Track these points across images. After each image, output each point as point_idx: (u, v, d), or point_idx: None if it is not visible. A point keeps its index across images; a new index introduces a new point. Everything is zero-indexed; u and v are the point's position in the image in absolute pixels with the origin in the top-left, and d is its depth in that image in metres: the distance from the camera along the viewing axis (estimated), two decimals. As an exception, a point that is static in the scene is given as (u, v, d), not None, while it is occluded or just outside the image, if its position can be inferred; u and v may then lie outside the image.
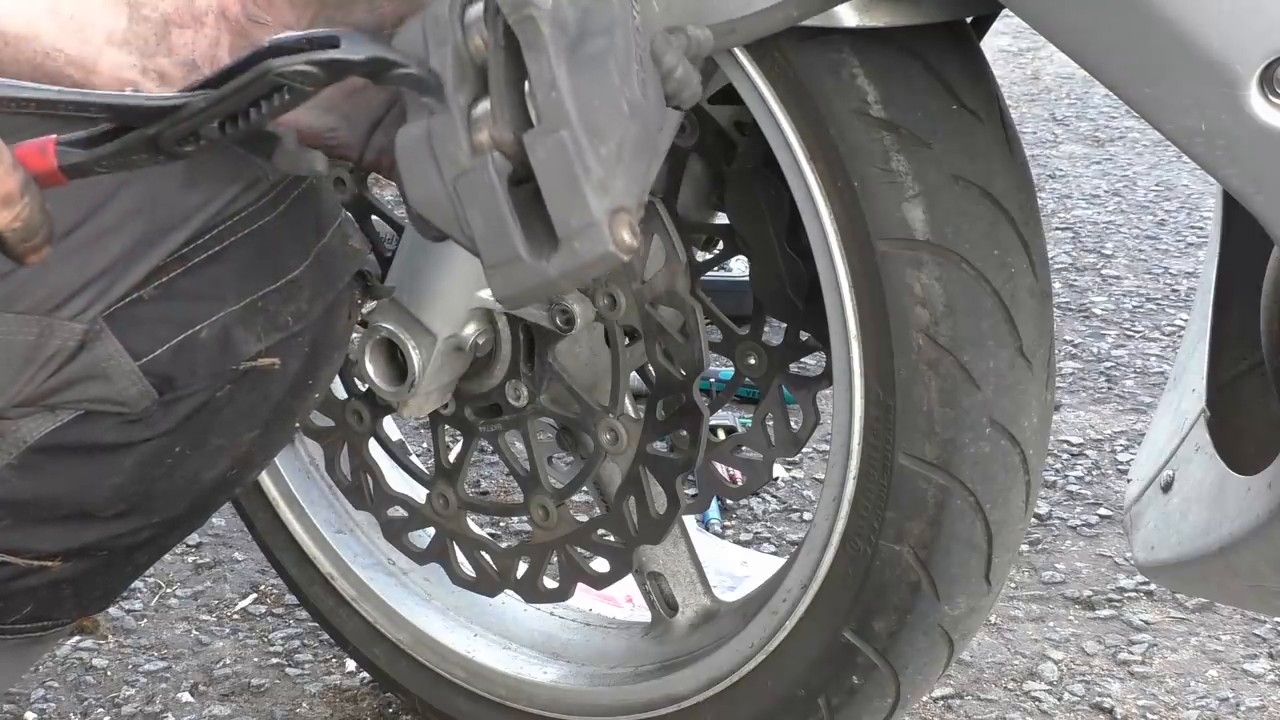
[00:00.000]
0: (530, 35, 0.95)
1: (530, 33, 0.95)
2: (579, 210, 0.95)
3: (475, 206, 0.97)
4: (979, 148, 1.28)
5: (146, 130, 0.96)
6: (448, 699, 1.68)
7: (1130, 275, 3.07)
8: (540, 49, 0.95)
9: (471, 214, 0.97)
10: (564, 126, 0.94)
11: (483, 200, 0.96)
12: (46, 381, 1.08)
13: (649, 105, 1.00)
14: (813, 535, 1.40)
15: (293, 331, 1.16)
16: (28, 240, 0.94)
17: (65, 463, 1.12)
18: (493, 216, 0.96)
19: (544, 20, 0.95)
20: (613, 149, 0.96)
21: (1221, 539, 1.17)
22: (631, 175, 0.97)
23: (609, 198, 0.95)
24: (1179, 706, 1.79)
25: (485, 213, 0.97)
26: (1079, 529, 2.14)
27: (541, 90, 0.95)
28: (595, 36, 0.97)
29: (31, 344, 1.06)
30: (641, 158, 0.99)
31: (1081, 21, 1.00)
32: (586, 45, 0.96)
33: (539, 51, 0.95)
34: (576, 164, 0.95)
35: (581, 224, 0.95)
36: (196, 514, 1.23)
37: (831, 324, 1.32)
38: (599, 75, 0.96)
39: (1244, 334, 1.22)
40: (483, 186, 0.96)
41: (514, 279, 0.97)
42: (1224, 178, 1.01)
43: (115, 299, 1.08)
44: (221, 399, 1.14)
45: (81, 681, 1.83)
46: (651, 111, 1.00)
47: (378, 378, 1.51)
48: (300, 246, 1.16)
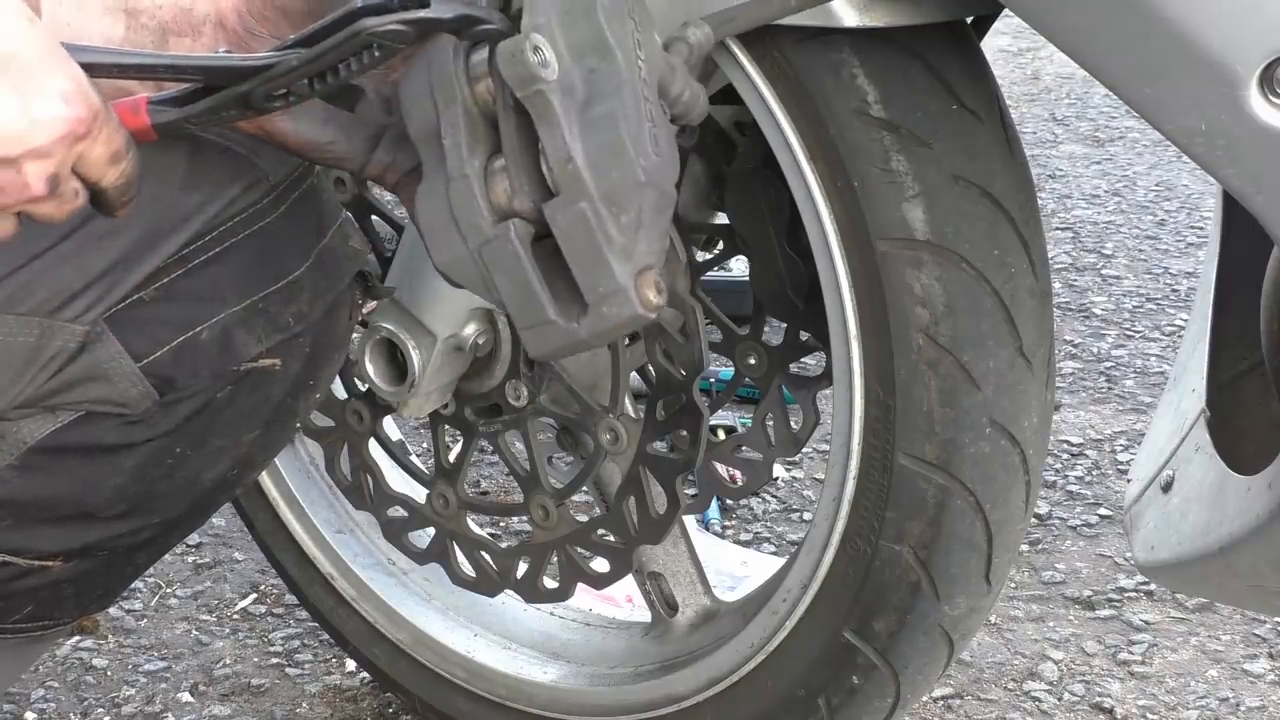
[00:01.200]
0: (541, 109, 0.96)
1: (541, 106, 0.96)
2: (605, 278, 0.97)
3: (502, 273, 0.98)
4: (979, 148, 1.28)
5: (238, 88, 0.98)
6: (448, 699, 1.68)
7: (1130, 275, 3.07)
8: (552, 122, 0.96)
9: (499, 280, 0.99)
10: (583, 198, 0.96)
11: (509, 268, 0.98)
12: (47, 383, 1.08)
13: (663, 162, 1.00)
14: (813, 535, 1.40)
15: (293, 332, 1.16)
16: (125, 195, 0.97)
17: (66, 463, 1.12)
18: (520, 283, 0.98)
19: (553, 93, 0.95)
20: (633, 217, 0.97)
21: (1221, 539, 1.17)
22: (652, 236, 0.99)
23: (632, 262, 0.97)
24: (1179, 706, 1.79)
25: (512, 279, 0.98)
26: (1079, 529, 2.14)
27: (558, 163, 0.96)
28: (604, 99, 0.97)
29: (32, 345, 1.06)
30: (661, 218, 1.00)
31: (1081, 21, 1.00)
32: (596, 107, 0.97)
33: (551, 125, 0.96)
34: (599, 234, 0.96)
35: (608, 290, 0.97)
36: (197, 514, 1.23)
37: (831, 324, 1.32)
38: (613, 143, 0.96)
39: (1244, 334, 1.22)
40: (507, 255, 0.98)
41: (546, 340, 0.99)
42: (1224, 178, 1.01)
43: (116, 301, 1.09)
44: (222, 400, 1.14)
45: (81, 681, 1.83)
46: (666, 169, 1.01)
47: (378, 378, 1.51)
48: (301, 247, 1.16)
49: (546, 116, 0.96)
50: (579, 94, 0.97)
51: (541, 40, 0.96)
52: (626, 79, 0.98)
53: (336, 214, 1.21)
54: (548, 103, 0.96)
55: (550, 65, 0.96)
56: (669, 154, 1.02)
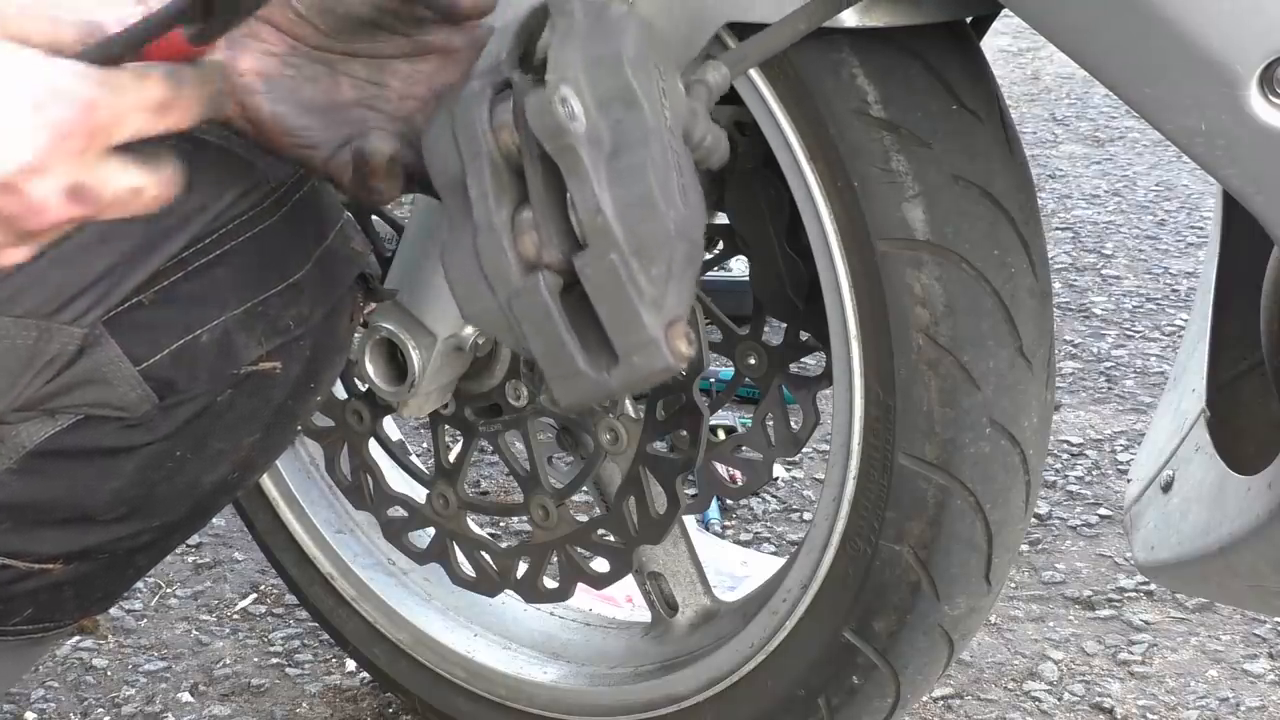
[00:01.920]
0: (570, 162, 0.95)
1: (570, 160, 0.95)
2: (636, 330, 0.96)
3: (531, 325, 0.98)
4: (979, 148, 1.28)
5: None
6: (448, 699, 1.68)
7: (1130, 275, 3.07)
8: (581, 175, 0.95)
9: (529, 331, 0.98)
10: (613, 250, 0.95)
11: (538, 320, 0.97)
12: (46, 386, 1.08)
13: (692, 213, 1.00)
14: (813, 535, 1.40)
15: (294, 335, 1.15)
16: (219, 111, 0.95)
17: (65, 467, 1.12)
18: (550, 335, 0.97)
19: (581, 145, 0.95)
20: (663, 269, 0.96)
21: (1221, 539, 1.17)
22: (682, 287, 0.98)
23: (663, 314, 0.96)
24: (1179, 706, 1.79)
25: (542, 331, 0.97)
26: (1079, 529, 2.14)
27: (587, 215, 0.95)
28: (632, 149, 0.97)
29: (30, 348, 1.05)
30: (690, 268, 1.00)
31: (1081, 21, 1.00)
32: (624, 158, 0.96)
33: (580, 178, 0.95)
34: (629, 286, 0.95)
35: (640, 342, 0.96)
36: (197, 517, 1.22)
37: (831, 324, 1.32)
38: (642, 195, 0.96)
39: (1244, 334, 1.22)
40: (537, 307, 0.97)
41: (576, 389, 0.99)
42: (1224, 178, 1.01)
43: (115, 303, 1.08)
44: (222, 403, 1.14)
45: (81, 681, 1.83)
46: (695, 219, 1.01)
47: (378, 378, 1.51)
48: (301, 250, 1.16)
49: (575, 170, 0.95)
50: (606, 145, 0.96)
51: (570, 92, 0.95)
52: (653, 128, 0.98)
53: (338, 216, 1.20)
54: (577, 156, 0.95)
55: (578, 118, 0.95)
56: (696, 204, 1.02)
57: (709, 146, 1.05)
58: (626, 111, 0.97)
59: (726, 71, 1.08)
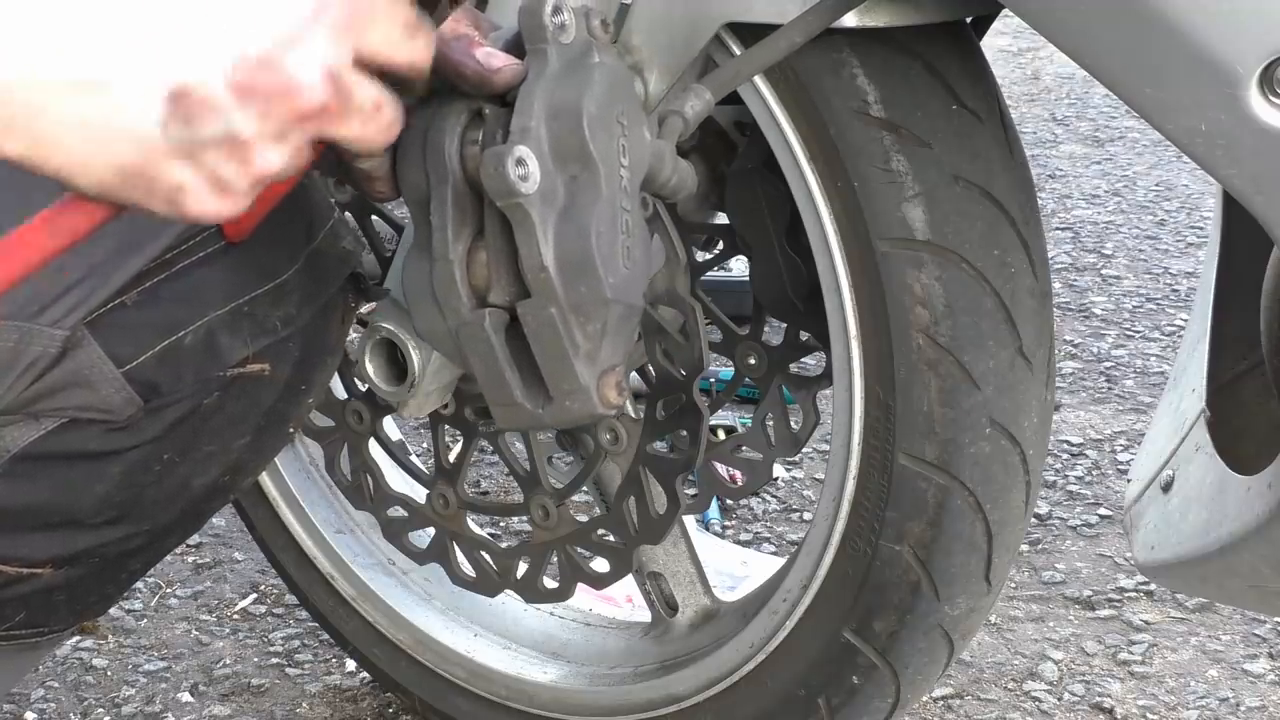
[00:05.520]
0: (519, 219, 1.01)
1: (519, 217, 1.01)
2: (568, 378, 1.04)
3: (475, 355, 1.05)
4: (979, 148, 1.28)
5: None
6: (448, 699, 1.68)
7: (1130, 275, 3.07)
8: (528, 232, 1.01)
9: (472, 359, 1.06)
10: (553, 304, 1.02)
11: (482, 351, 1.05)
12: (28, 389, 1.06)
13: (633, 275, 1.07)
14: (813, 535, 1.40)
15: (281, 336, 1.14)
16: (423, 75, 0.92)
17: (50, 471, 1.10)
18: (491, 366, 1.05)
19: (532, 205, 1.01)
20: (598, 327, 1.04)
21: (1221, 539, 1.17)
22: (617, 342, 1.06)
23: (596, 365, 1.04)
24: (1179, 706, 1.79)
25: (484, 362, 1.05)
26: (1079, 529, 2.14)
27: (531, 271, 1.02)
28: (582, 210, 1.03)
29: (11, 351, 1.04)
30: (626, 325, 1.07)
31: (1081, 21, 1.00)
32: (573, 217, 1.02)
33: (527, 234, 1.01)
34: (565, 339, 1.03)
35: (570, 389, 1.04)
36: (190, 520, 1.21)
37: (831, 324, 1.32)
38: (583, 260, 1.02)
39: (1244, 334, 1.22)
40: (481, 340, 1.04)
41: (513, 418, 1.07)
42: (1224, 178, 1.01)
43: (97, 305, 1.06)
44: (210, 406, 1.12)
45: (81, 681, 1.83)
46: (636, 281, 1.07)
47: (378, 378, 1.50)
48: (289, 250, 1.15)
49: (524, 226, 1.01)
50: (559, 200, 1.03)
51: (526, 152, 1.00)
52: (605, 195, 1.03)
53: (328, 215, 1.19)
54: (525, 214, 1.01)
55: (531, 178, 1.00)
56: (641, 263, 1.08)
57: (674, 186, 1.12)
58: (582, 170, 1.03)
59: (709, 98, 1.13)
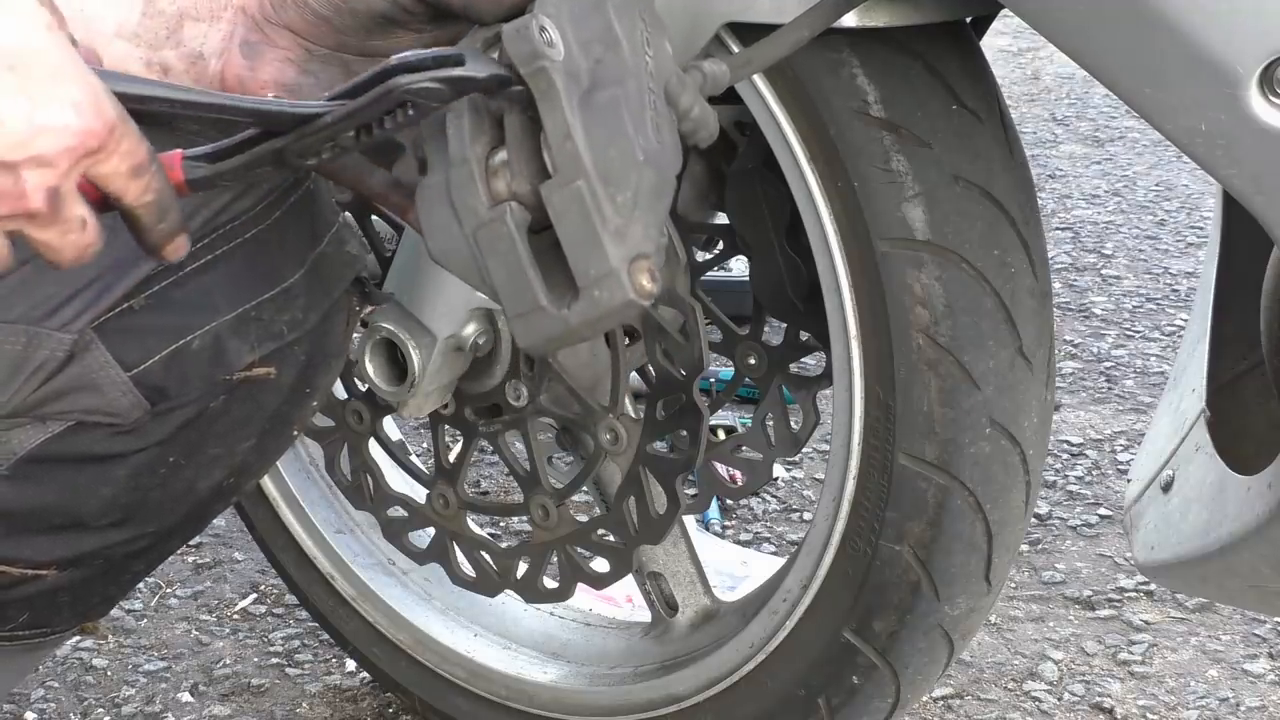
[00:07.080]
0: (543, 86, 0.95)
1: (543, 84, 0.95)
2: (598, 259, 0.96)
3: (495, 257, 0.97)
4: (979, 148, 1.28)
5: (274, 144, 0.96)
6: (448, 699, 1.68)
7: (1130, 275, 3.07)
8: (554, 100, 0.95)
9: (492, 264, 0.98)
10: (580, 177, 0.95)
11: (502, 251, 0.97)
12: (35, 392, 1.06)
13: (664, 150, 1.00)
14: (813, 535, 1.40)
15: (287, 340, 1.14)
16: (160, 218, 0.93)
17: (57, 473, 1.11)
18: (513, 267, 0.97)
19: (557, 72, 0.95)
20: (629, 197, 0.96)
21: (1221, 539, 1.17)
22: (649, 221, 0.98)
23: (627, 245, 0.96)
24: (1179, 706, 1.79)
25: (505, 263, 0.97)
26: (1079, 529, 2.14)
27: (556, 141, 0.95)
28: (608, 86, 0.97)
29: (19, 354, 1.04)
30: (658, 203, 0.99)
31: (1081, 21, 1.00)
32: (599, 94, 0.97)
33: (553, 103, 0.95)
34: (594, 214, 0.95)
35: (601, 273, 0.95)
36: (194, 522, 1.21)
37: (831, 324, 1.32)
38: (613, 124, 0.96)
39: (1244, 334, 1.22)
40: (502, 238, 0.97)
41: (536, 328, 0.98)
42: (1224, 178, 1.01)
43: (105, 309, 1.07)
44: (216, 409, 1.13)
45: (81, 681, 1.84)
46: (667, 155, 1.01)
47: (378, 378, 1.51)
48: (295, 254, 1.15)
49: (548, 95, 0.95)
50: (584, 82, 0.97)
51: (548, 22, 0.96)
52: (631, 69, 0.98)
53: (333, 219, 1.19)
54: (550, 80, 0.95)
55: (556, 45, 0.96)
56: (670, 143, 1.02)
57: (695, 118, 1.05)
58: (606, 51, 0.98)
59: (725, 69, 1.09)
